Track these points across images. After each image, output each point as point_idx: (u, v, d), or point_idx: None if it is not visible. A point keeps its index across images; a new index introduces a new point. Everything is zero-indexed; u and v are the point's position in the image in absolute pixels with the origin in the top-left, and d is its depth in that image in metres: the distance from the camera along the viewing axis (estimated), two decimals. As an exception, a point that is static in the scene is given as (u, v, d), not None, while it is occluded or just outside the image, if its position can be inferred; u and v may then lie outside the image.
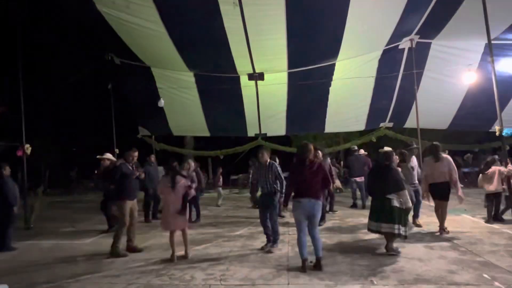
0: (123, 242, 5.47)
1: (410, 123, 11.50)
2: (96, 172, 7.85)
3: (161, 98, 10.68)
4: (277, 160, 9.10)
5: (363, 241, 5.71)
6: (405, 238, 4.82)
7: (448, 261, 4.47)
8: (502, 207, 6.79)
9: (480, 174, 6.97)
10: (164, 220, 5.17)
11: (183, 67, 9.89)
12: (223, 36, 8.27)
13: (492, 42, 7.45)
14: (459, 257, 4.61)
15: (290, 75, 10.31)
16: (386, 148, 6.47)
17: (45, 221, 8.60)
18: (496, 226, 6.38)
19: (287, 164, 8.93)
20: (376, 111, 11.47)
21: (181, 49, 8.92)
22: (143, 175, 6.08)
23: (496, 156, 7.12)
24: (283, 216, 7.91)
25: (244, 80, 10.56)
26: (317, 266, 4.32)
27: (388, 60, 9.94)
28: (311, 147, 4.57)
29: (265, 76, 10.32)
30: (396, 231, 4.69)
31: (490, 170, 6.66)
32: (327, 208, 8.15)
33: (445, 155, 6.09)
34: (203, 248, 5.63)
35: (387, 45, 9.42)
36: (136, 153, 5.86)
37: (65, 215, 9.93)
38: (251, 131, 12.55)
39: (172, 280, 4.20)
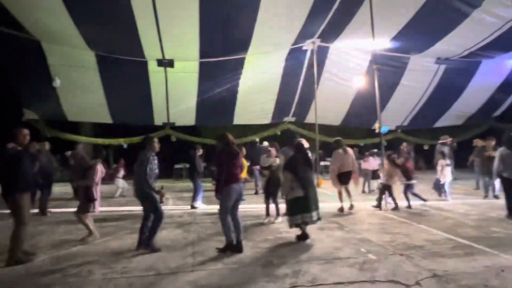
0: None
1: (309, 118, 12.65)
2: None
3: (56, 77, 9.43)
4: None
5: (266, 226, 6.12)
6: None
7: (335, 239, 5.16)
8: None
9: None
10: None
11: (82, 45, 8.94)
12: (130, 16, 7.76)
13: (377, 52, 8.72)
14: (343, 236, 5.35)
15: (201, 65, 10.27)
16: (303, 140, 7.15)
17: None
18: (373, 208, 7.56)
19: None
20: (281, 106, 12.30)
21: (80, 24, 8.05)
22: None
23: (375, 150, 8.42)
24: (196, 207, 7.98)
25: (152, 65, 10.11)
26: (240, 248, 4.53)
27: (294, 59, 10.73)
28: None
29: (175, 63, 10.07)
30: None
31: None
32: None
33: (348, 148, 7.18)
34: (103, 242, 5.28)
35: (293, 45, 10.15)
36: (28, 131, 4.70)
37: None
38: (159, 120, 12.11)
39: (66, 278, 3.85)
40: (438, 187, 8.57)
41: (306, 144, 5.38)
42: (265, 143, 10.70)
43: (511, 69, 11.67)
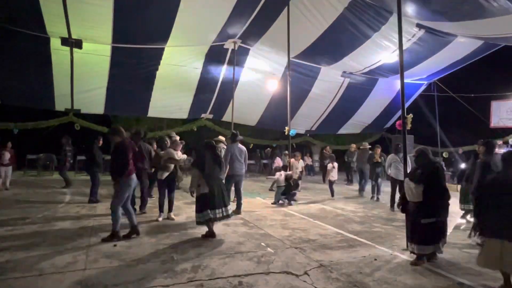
0: None
1: (226, 117, 12.81)
2: None
3: None
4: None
5: (172, 223, 6.01)
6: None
7: (239, 234, 5.34)
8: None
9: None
10: None
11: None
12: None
13: (291, 59, 9.28)
14: (247, 231, 5.57)
15: (114, 50, 9.54)
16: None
17: None
18: (277, 205, 8.05)
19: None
20: (199, 102, 12.18)
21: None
22: None
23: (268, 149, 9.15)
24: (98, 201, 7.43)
25: (55, 43, 9.02)
26: (138, 230, 5.03)
27: (214, 56, 10.72)
28: None
29: (84, 44, 9.16)
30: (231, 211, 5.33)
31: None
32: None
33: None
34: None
35: (214, 42, 10.14)
36: None
37: None
38: (61, 105, 10.88)
39: None
40: (331, 188, 9.62)
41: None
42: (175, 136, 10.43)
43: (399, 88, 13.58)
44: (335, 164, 9.79)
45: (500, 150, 5.80)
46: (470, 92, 13.50)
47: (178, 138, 7.35)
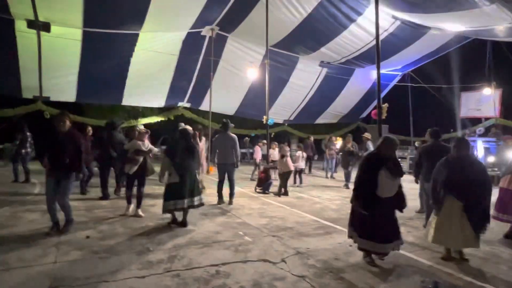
0: None
1: (204, 105, 12.62)
2: None
3: None
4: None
5: (147, 213, 5.89)
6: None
7: (216, 224, 5.32)
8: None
9: None
10: None
11: None
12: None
13: (270, 48, 9.21)
14: (225, 220, 5.56)
15: (85, 34, 9.10)
16: (188, 127, 6.90)
17: None
18: (255, 194, 8.07)
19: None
20: (175, 90, 11.91)
21: None
22: None
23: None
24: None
25: (21, 26, 8.49)
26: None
27: (191, 43, 10.45)
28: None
29: (52, 28, 8.68)
30: (203, 201, 5.29)
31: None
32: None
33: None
34: None
35: (191, 28, 9.87)
36: None
37: None
38: (28, 92, 10.32)
39: None
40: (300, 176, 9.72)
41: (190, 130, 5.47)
42: (141, 127, 10.17)
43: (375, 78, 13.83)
44: (305, 154, 9.91)
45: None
46: (442, 84, 13.96)
47: (143, 127, 7.08)
